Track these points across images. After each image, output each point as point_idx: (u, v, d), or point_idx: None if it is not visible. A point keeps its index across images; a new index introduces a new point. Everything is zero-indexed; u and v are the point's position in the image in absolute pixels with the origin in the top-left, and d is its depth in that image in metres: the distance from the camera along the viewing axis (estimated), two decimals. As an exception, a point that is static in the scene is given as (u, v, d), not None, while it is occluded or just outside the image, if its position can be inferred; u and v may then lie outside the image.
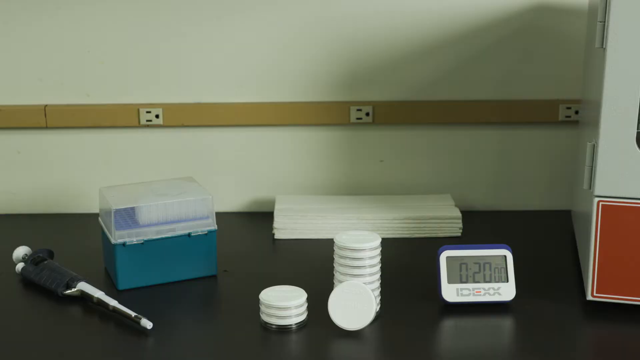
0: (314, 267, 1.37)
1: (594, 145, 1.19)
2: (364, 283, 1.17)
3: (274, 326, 1.16)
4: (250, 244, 1.53)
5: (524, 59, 1.62)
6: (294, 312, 1.16)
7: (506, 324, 1.21)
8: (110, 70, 1.61)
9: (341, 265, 1.19)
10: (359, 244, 1.17)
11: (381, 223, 1.53)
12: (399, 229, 1.53)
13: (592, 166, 1.20)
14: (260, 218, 1.63)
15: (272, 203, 1.62)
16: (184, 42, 1.60)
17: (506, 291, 1.23)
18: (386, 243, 1.48)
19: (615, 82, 1.14)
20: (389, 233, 1.53)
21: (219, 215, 1.62)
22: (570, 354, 1.13)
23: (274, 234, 1.53)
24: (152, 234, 1.30)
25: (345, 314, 1.14)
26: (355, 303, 1.14)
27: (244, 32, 1.60)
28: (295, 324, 1.17)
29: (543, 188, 1.68)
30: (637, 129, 1.19)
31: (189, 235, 1.32)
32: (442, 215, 1.54)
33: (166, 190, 1.36)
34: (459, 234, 1.53)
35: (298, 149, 1.66)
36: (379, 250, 1.20)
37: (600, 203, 1.19)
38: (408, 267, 1.38)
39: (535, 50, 1.61)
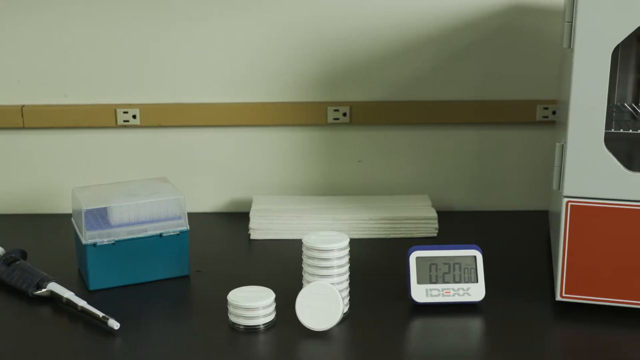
0: (288, 267, 1.37)
1: (562, 145, 1.19)
2: (333, 283, 1.17)
3: (241, 327, 1.16)
4: (226, 245, 1.53)
5: (502, 59, 1.61)
6: (261, 312, 1.16)
7: (475, 324, 1.21)
8: (88, 71, 1.61)
9: (309, 265, 1.18)
10: (327, 244, 1.17)
11: (357, 223, 1.53)
12: (374, 229, 1.52)
13: (561, 167, 1.19)
14: (237, 218, 1.63)
15: (249, 203, 1.62)
16: (162, 42, 1.60)
17: (476, 291, 1.23)
18: (362, 243, 1.50)
19: (582, 82, 1.14)
20: (365, 233, 1.53)
21: (197, 216, 1.63)
22: (538, 354, 1.13)
23: (249, 235, 1.53)
24: (123, 234, 1.30)
25: (313, 315, 1.14)
26: (322, 303, 1.14)
27: (222, 33, 1.60)
28: (263, 324, 1.17)
29: (522, 188, 1.68)
30: (606, 129, 1.19)
31: (160, 235, 1.32)
32: (417, 215, 1.53)
33: (139, 190, 1.35)
34: (435, 234, 1.53)
35: (276, 150, 1.66)
36: (347, 251, 1.20)
37: (569, 203, 1.19)
38: (381, 268, 1.38)
39: (514, 51, 1.61)
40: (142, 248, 1.31)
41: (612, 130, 1.29)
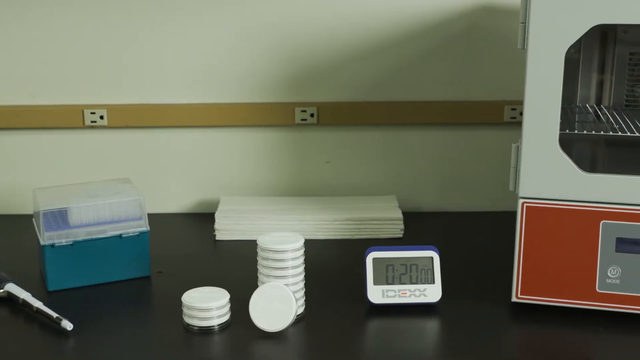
0: (251, 268, 1.36)
1: (518, 146, 1.19)
2: (287, 284, 1.17)
3: (195, 327, 1.16)
4: (191, 245, 1.53)
5: (469, 60, 1.61)
6: (215, 313, 1.16)
7: (431, 325, 1.21)
8: (55, 72, 1.61)
9: (264, 266, 1.18)
10: (282, 245, 1.17)
11: (322, 224, 1.53)
12: (339, 230, 1.52)
13: (516, 167, 1.19)
14: (205, 219, 1.62)
15: (218, 204, 1.62)
16: (129, 43, 1.60)
17: (432, 292, 1.23)
18: (326, 244, 1.50)
19: (536, 83, 1.14)
20: (330, 234, 1.53)
21: (164, 216, 1.63)
22: (492, 355, 1.13)
23: (215, 235, 1.53)
24: (82, 235, 1.30)
25: (266, 315, 1.14)
26: (276, 304, 1.14)
27: (189, 34, 1.60)
28: (218, 325, 1.17)
29: (490, 189, 1.68)
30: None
31: (120, 236, 1.32)
32: (383, 216, 1.53)
33: (99, 191, 1.35)
34: (401, 235, 1.53)
35: (244, 150, 1.66)
36: (301, 252, 1.20)
37: (525, 204, 1.19)
38: (342, 269, 1.38)
39: (481, 51, 1.61)
40: (102, 249, 1.31)
41: (576, 131, 1.29)
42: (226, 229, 1.52)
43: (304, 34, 1.59)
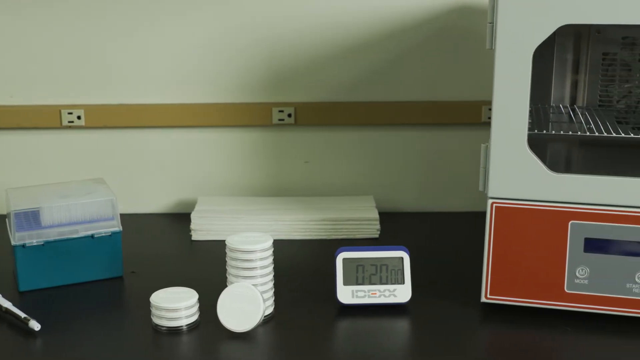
0: (224, 269, 1.36)
1: (487, 146, 1.18)
2: (256, 284, 1.17)
3: (164, 328, 1.16)
4: (167, 245, 1.53)
5: (447, 60, 1.61)
6: (184, 313, 1.16)
7: (401, 325, 1.21)
8: (33, 72, 1.61)
9: (233, 267, 1.18)
10: (250, 245, 1.17)
11: (298, 224, 1.53)
12: (315, 230, 1.52)
13: (485, 168, 1.19)
14: (183, 219, 1.62)
15: (195, 204, 1.62)
16: (107, 43, 1.60)
17: (402, 293, 1.23)
18: (302, 244, 1.50)
19: (504, 83, 1.14)
20: (306, 234, 1.52)
21: (142, 217, 1.63)
22: (461, 355, 1.13)
23: (191, 236, 1.53)
24: (54, 235, 1.30)
25: (234, 315, 1.14)
26: (243, 304, 1.14)
27: (167, 34, 1.59)
28: (186, 325, 1.17)
29: (469, 189, 1.67)
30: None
31: (92, 236, 1.32)
32: (359, 216, 1.53)
33: (72, 191, 1.35)
34: (377, 236, 1.53)
35: (222, 150, 1.66)
36: (270, 252, 1.19)
37: (494, 205, 1.19)
38: (315, 269, 1.38)
39: (459, 52, 1.61)
40: (74, 249, 1.31)
41: (543, 132, 1.29)
42: (202, 229, 1.52)
43: (281, 34, 1.59)
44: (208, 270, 1.38)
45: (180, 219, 1.64)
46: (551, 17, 1.11)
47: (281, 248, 1.48)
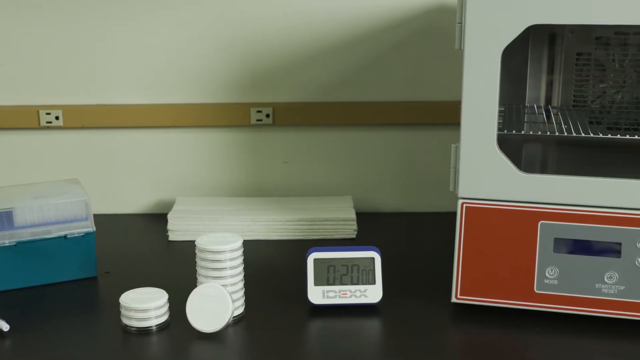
0: (200, 269, 1.37)
1: (457, 147, 1.18)
2: (225, 285, 1.17)
3: (133, 328, 1.16)
4: (144, 246, 1.53)
5: (426, 60, 1.61)
6: (153, 313, 1.16)
7: (371, 326, 1.20)
8: (11, 72, 1.61)
9: (202, 267, 1.18)
10: (219, 245, 1.17)
11: (275, 225, 1.52)
12: (292, 231, 1.52)
13: (456, 168, 1.19)
14: (161, 220, 1.62)
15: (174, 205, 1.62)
16: (84, 43, 1.60)
17: (373, 293, 1.22)
18: (279, 245, 1.50)
19: (473, 83, 1.14)
20: (283, 235, 1.52)
21: (121, 217, 1.63)
22: (431, 356, 1.13)
23: (168, 236, 1.53)
24: (26, 235, 1.30)
25: (203, 316, 1.14)
26: (212, 305, 1.14)
27: (144, 34, 1.59)
28: (156, 325, 1.16)
29: (448, 189, 1.67)
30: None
31: (65, 237, 1.32)
32: (336, 217, 1.53)
33: (46, 191, 1.35)
34: (354, 236, 1.53)
35: (201, 151, 1.66)
36: (240, 252, 1.19)
37: (464, 205, 1.19)
38: (289, 269, 1.38)
39: (438, 51, 1.61)
40: (46, 249, 1.31)
41: (513, 132, 1.29)
42: (179, 229, 1.52)
43: (259, 34, 1.59)
44: (183, 270, 1.38)
45: (159, 219, 1.63)
46: (519, 17, 1.11)
47: (257, 248, 1.49)
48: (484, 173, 1.17)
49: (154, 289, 1.20)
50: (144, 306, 1.15)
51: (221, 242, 1.18)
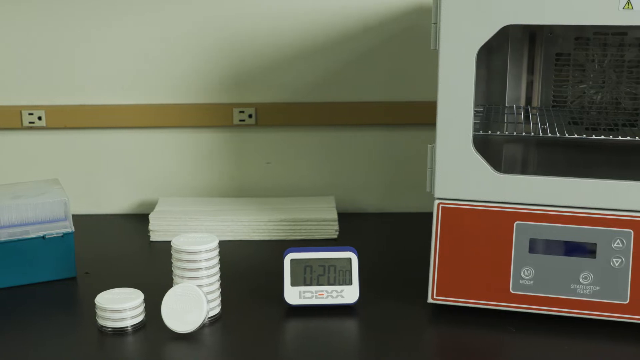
0: (180, 269, 1.37)
1: (433, 147, 1.18)
2: (201, 285, 1.17)
3: (109, 329, 1.16)
4: (125, 246, 1.53)
5: (408, 60, 1.61)
6: (129, 314, 1.16)
7: (348, 326, 1.20)
8: (-6, 72, 1.62)
9: (178, 267, 1.18)
10: (195, 246, 1.17)
11: (256, 225, 1.52)
12: (273, 231, 1.52)
13: (432, 168, 1.19)
14: (144, 220, 1.62)
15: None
16: (67, 44, 1.60)
17: (349, 294, 1.22)
18: (260, 245, 1.50)
19: (448, 84, 1.14)
20: (264, 235, 1.52)
21: (104, 217, 1.63)
22: (406, 356, 1.12)
23: (149, 236, 1.53)
24: (4, 235, 1.30)
25: (178, 316, 1.14)
26: (187, 305, 1.14)
27: (127, 35, 1.59)
28: (131, 325, 1.16)
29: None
30: (476, 131, 1.19)
31: (43, 237, 1.32)
32: (317, 217, 1.53)
33: (26, 192, 1.35)
34: (335, 236, 1.53)
35: (184, 151, 1.66)
36: (216, 252, 1.19)
37: (440, 205, 1.19)
38: (268, 270, 1.38)
39: (419, 52, 1.61)
40: (25, 250, 1.30)
41: (489, 132, 1.29)
42: (160, 229, 1.52)
43: (241, 34, 1.59)
44: (163, 271, 1.38)
45: (142, 219, 1.63)
46: (494, 17, 1.11)
47: (238, 249, 1.49)
48: (459, 173, 1.17)
49: (130, 289, 1.20)
50: (119, 307, 1.15)
51: (197, 242, 1.18)
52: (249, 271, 1.38)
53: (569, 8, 1.08)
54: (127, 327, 1.16)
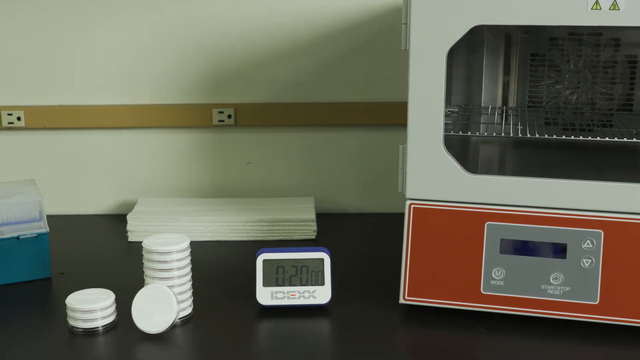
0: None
1: (404, 148, 1.18)
2: (173, 286, 1.17)
3: (80, 329, 1.16)
4: (103, 246, 1.53)
5: (387, 60, 1.61)
6: (99, 314, 1.16)
7: (320, 327, 1.20)
8: (-26, 73, 1.62)
9: (149, 268, 1.18)
10: (166, 246, 1.17)
11: (234, 225, 1.52)
12: (252, 232, 1.52)
13: (403, 169, 1.19)
14: (125, 221, 1.62)
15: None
16: (46, 44, 1.60)
17: (321, 294, 1.22)
18: (238, 246, 1.50)
19: (419, 84, 1.14)
20: (242, 235, 1.52)
21: (83, 218, 1.63)
22: (377, 357, 1.12)
23: (127, 237, 1.53)
24: (-22, 236, 1.30)
25: (148, 317, 1.14)
26: (157, 305, 1.14)
27: (106, 35, 1.59)
28: (102, 326, 1.16)
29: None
30: (451, 131, 1.19)
31: (17, 238, 1.31)
32: (295, 217, 1.53)
33: (0, 192, 1.35)
34: (314, 237, 1.53)
35: (164, 152, 1.66)
36: (187, 253, 1.19)
37: (412, 206, 1.19)
38: (243, 271, 1.37)
39: (399, 52, 1.60)
40: (-1, 250, 1.31)
41: (460, 133, 1.28)
42: (138, 230, 1.52)
43: (220, 35, 1.59)
44: (139, 271, 1.37)
45: (121, 220, 1.63)
46: (464, 18, 1.11)
47: (216, 249, 1.49)
48: (430, 174, 1.17)
49: (102, 289, 1.20)
50: (90, 307, 1.15)
51: (168, 242, 1.18)
52: (224, 272, 1.38)
53: (538, 8, 1.08)
54: (97, 327, 1.16)
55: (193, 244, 1.45)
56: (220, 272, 1.38)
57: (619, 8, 1.05)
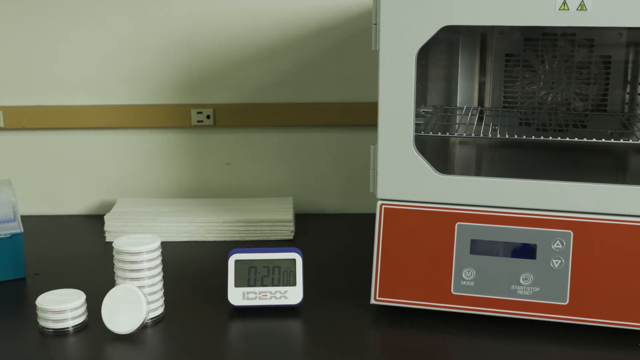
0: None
1: (375, 148, 1.18)
2: (143, 286, 1.17)
3: (50, 330, 1.16)
4: (80, 247, 1.52)
5: (364, 60, 1.61)
6: (69, 315, 1.16)
7: (291, 327, 1.20)
8: (-48, 73, 1.61)
9: (119, 268, 1.18)
10: (136, 247, 1.17)
11: (212, 226, 1.52)
12: (229, 232, 1.52)
13: (374, 169, 1.19)
14: (103, 221, 1.62)
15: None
16: (24, 44, 1.60)
17: (293, 295, 1.22)
18: (215, 246, 1.50)
19: (389, 84, 1.14)
20: (220, 236, 1.52)
21: (62, 218, 1.63)
22: (349, 357, 1.12)
23: (104, 237, 1.53)
24: (-49, 237, 1.30)
25: (118, 317, 1.14)
26: (126, 306, 1.14)
27: (84, 36, 1.59)
28: (72, 326, 1.16)
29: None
30: (415, 132, 1.19)
31: (-9, 238, 1.32)
32: (273, 218, 1.53)
33: (-25, 193, 1.35)
34: (291, 237, 1.53)
35: (143, 152, 1.66)
36: (158, 253, 1.19)
37: (383, 206, 1.19)
38: (216, 271, 1.37)
39: (374, 53, 1.60)
40: (-28, 251, 1.31)
41: (431, 133, 1.28)
42: (116, 230, 1.52)
43: (198, 35, 1.59)
44: (113, 272, 1.38)
45: (100, 220, 1.63)
46: (433, 18, 1.11)
47: (192, 250, 1.49)
48: (401, 174, 1.17)
49: (72, 290, 1.20)
50: (60, 307, 1.15)
51: (139, 243, 1.18)
52: (199, 272, 1.38)
53: (507, 9, 1.08)
54: (68, 327, 1.16)
55: (170, 245, 1.45)
56: (196, 272, 1.38)
57: (586, 9, 1.05)
